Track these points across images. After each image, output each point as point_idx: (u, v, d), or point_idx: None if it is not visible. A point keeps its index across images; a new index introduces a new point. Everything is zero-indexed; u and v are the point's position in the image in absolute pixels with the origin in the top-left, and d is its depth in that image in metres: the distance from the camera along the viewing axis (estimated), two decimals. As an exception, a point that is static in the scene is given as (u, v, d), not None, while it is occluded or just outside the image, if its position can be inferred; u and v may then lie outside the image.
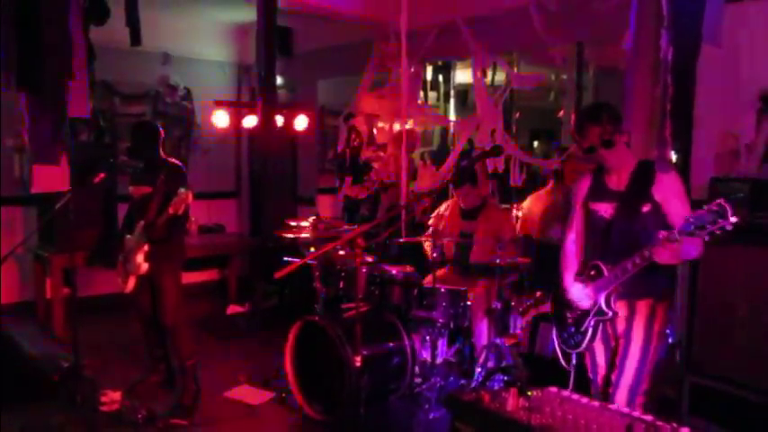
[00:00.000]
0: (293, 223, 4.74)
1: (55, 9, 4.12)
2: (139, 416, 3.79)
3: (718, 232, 2.17)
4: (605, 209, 2.76)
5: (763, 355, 3.13)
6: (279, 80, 7.53)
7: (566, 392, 1.93)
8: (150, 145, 4.07)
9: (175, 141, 7.26)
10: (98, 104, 6.28)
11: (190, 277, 6.87)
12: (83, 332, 3.59)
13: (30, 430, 3.73)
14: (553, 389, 1.90)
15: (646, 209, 2.62)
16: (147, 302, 4.15)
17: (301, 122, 6.22)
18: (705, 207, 2.19)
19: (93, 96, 4.72)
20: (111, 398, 3.99)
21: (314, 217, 4.62)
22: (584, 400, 1.92)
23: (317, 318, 3.93)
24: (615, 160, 2.71)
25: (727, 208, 2.12)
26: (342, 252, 4.39)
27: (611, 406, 1.84)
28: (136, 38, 4.73)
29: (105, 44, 4.79)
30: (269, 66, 5.31)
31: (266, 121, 5.46)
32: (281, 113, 5.97)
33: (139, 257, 3.85)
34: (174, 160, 4.16)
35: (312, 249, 4.46)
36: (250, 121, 5.80)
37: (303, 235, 4.52)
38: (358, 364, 2.38)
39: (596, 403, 1.87)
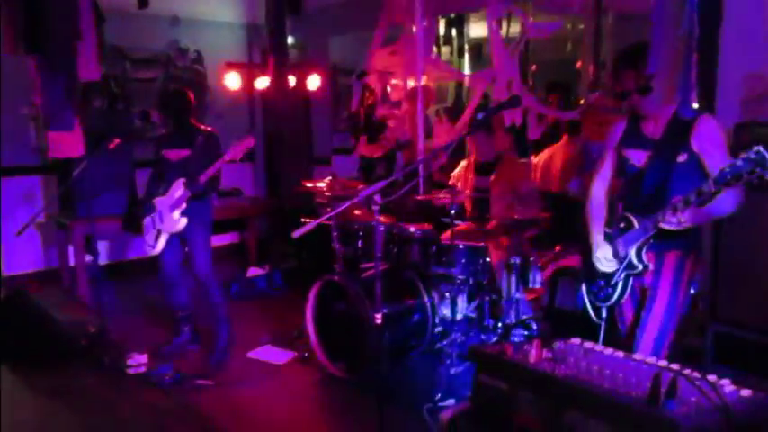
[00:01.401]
0: (309, 184, 4.72)
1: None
2: (167, 377, 3.87)
3: (755, 182, 2.06)
4: (639, 157, 2.66)
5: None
6: (290, 39, 7.43)
7: (589, 344, 1.91)
8: (184, 111, 4.29)
9: (189, 106, 7.22)
10: (109, 70, 6.26)
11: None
12: (109, 297, 3.64)
13: (60, 391, 3.82)
14: (576, 340, 1.87)
15: (682, 158, 2.51)
16: (174, 260, 4.32)
17: (314, 82, 6.14)
18: (742, 155, 2.07)
19: (103, 61, 4.69)
20: (138, 360, 4.07)
21: (330, 177, 4.58)
22: (609, 350, 1.90)
23: (336, 277, 3.94)
24: (651, 107, 2.59)
25: (767, 156, 2.01)
26: (358, 212, 4.37)
27: (635, 356, 1.81)
28: (144, 0, 4.66)
29: (114, 8, 4.74)
30: (279, 25, 5.23)
31: (278, 81, 5.39)
32: (293, 73, 5.88)
33: (176, 214, 4.07)
34: (207, 127, 4.39)
35: (329, 209, 4.43)
36: (262, 83, 5.73)
37: (320, 195, 4.49)
38: (379, 321, 2.38)
39: (621, 353, 1.84)
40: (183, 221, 4.09)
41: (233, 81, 5.93)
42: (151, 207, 4.25)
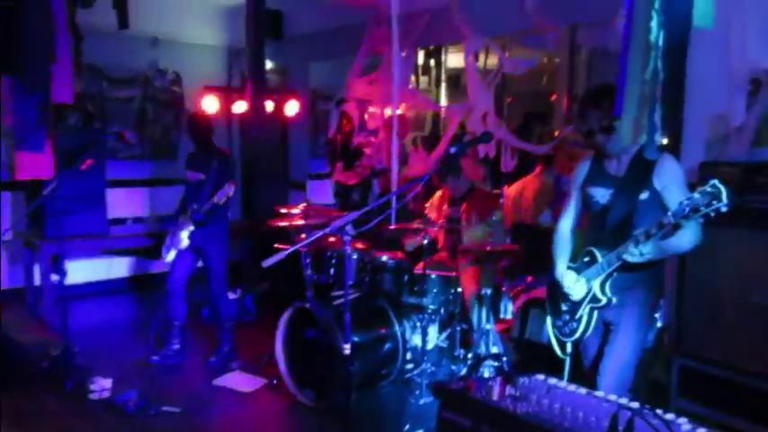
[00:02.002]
0: (284, 210, 4.72)
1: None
2: (131, 403, 3.79)
3: (712, 215, 2.13)
4: (602, 194, 2.73)
5: (752, 337, 3.13)
6: (270, 64, 7.47)
7: (553, 380, 1.92)
8: (205, 134, 4.60)
9: (166, 127, 7.20)
10: (86, 89, 6.23)
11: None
12: (75, 318, 3.58)
13: (19, 414, 3.72)
14: (540, 376, 1.89)
15: (644, 196, 2.59)
16: (182, 272, 4.64)
17: (292, 107, 6.17)
18: (699, 189, 2.16)
19: (80, 80, 4.67)
20: (102, 385, 3.97)
21: (304, 203, 4.58)
22: (572, 387, 1.91)
23: (307, 304, 3.92)
24: (614, 146, 2.65)
25: (722, 189, 2.08)
26: (333, 239, 4.38)
27: (597, 393, 1.83)
28: (124, 21, 4.67)
29: (94, 27, 4.73)
30: (258, 49, 5.25)
31: (256, 106, 5.41)
32: (272, 98, 5.91)
33: (184, 234, 4.46)
34: (224, 149, 4.73)
35: (303, 235, 4.44)
36: (240, 107, 5.75)
37: (293, 222, 4.50)
38: (348, 351, 2.37)
39: (583, 391, 1.86)
40: (186, 242, 4.47)
41: (210, 104, 5.94)
42: (175, 222, 4.62)
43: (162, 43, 6.97)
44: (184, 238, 4.48)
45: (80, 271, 6.24)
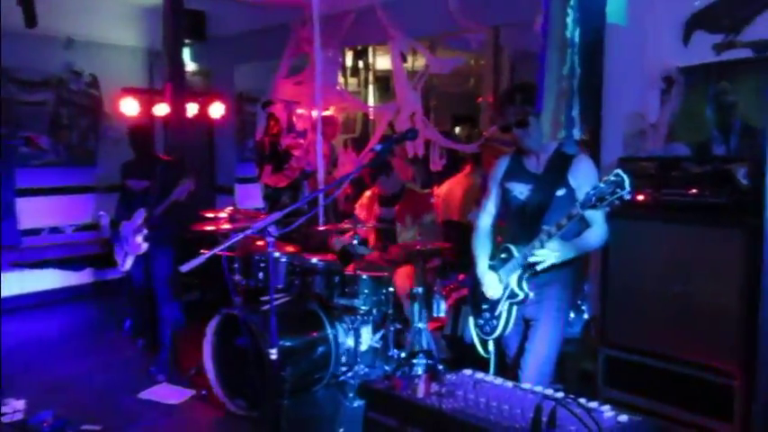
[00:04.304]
0: (210, 215, 4.58)
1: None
2: (45, 425, 3.56)
3: (617, 203, 2.20)
4: (521, 190, 2.77)
5: (671, 325, 3.26)
6: (193, 66, 7.26)
7: (479, 374, 1.91)
8: (146, 142, 4.65)
9: (83, 131, 6.86)
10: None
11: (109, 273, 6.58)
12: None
13: None
14: (467, 371, 1.88)
15: (560, 192, 2.65)
16: (142, 278, 4.65)
17: (217, 110, 6.00)
18: (604, 178, 2.22)
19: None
20: (14, 407, 3.73)
21: (231, 208, 4.46)
22: (498, 381, 1.91)
23: (235, 310, 3.81)
24: (531, 142, 2.71)
25: (625, 177, 2.15)
26: (261, 242, 4.26)
27: (524, 385, 1.84)
28: (31, 19, 4.41)
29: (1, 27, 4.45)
30: (176, 50, 5.08)
31: (177, 108, 5.23)
32: (196, 101, 5.73)
33: (139, 238, 4.42)
34: (166, 156, 4.84)
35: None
36: (161, 110, 5.54)
37: (220, 227, 4.36)
38: (274, 357, 2.30)
39: (510, 384, 1.86)
40: (145, 245, 4.42)
41: (129, 107, 5.69)
42: (118, 231, 4.58)
43: (77, 44, 6.64)
44: (141, 242, 4.44)
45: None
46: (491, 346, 2.81)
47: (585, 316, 3.96)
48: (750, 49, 3.48)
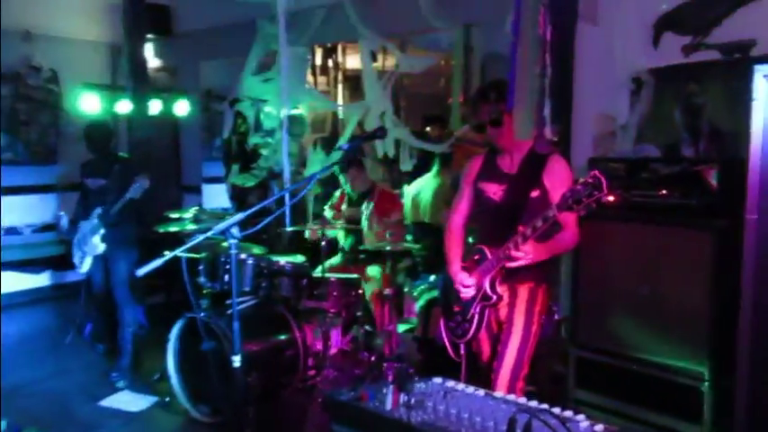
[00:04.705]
0: (174, 215, 4.45)
1: None
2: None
3: (594, 205, 2.15)
4: (495, 190, 2.72)
5: (641, 326, 3.26)
6: (158, 62, 7.07)
7: (451, 383, 1.84)
8: (103, 141, 4.48)
9: (43, 128, 6.63)
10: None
11: (69, 275, 6.38)
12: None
13: None
14: (438, 380, 1.80)
15: (535, 194, 2.60)
16: (101, 281, 4.51)
17: (182, 108, 5.84)
18: (581, 180, 2.18)
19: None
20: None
21: (196, 208, 4.34)
22: (470, 389, 1.83)
23: (201, 314, 3.69)
24: (505, 141, 2.67)
25: (602, 180, 2.11)
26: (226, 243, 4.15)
27: (496, 394, 1.77)
28: (-15, 11, 4.21)
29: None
30: (138, 45, 4.93)
31: (139, 105, 5.08)
32: (161, 98, 5.57)
33: (96, 239, 4.30)
34: (123, 154, 4.74)
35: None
36: (123, 106, 5.37)
37: (184, 227, 4.25)
38: (237, 363, 2.21)
39: (482, 392, 1.79)
40: (102, 246, 4.30)
41: (90, 103, 5.50)
42: (76, 230, 4.46)
43: (36, 38, 6.39)
44: (98, 242, 4.33)
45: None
46: (462, 350, 2.75)
47: (556, 317, 3.94)
48: (718, 51, 3.50)
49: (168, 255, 2.12)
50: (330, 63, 7.97)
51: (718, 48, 3.50)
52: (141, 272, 2.03)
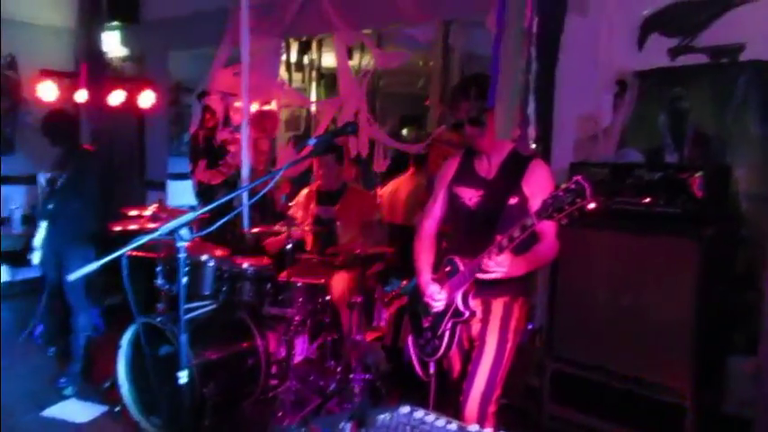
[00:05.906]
0: (133, 212, 4.18)
1: None
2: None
3: (576, 213, 1.96)
4: (470, 195, 2.52)
5: (621, 339, 3.11)
6: (124, 51, 6.78)
7: (419, 413, 1.63)
8: (62, 133, 4.30)
9: (-1, 117, 6.29)
10: None
11: (20, 273, 6.06)
12: None
13: None
14: (405, 409, 1.60)
15: (513, 201, 2.39)
16: (55, 279, 4.32)
17: (147, 99, 5.55)
18: (563, 186, 1.98)
19: None
20: None
21: (156, 204, 4.08)
22: (441, 422, 1.61)
23: (157, 319, 3.45)
24: (484, 142, 2.46)
25: (586, 186, 1.92)
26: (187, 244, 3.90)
27: (470, 428, 1.57)
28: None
29: None
30: (94, 29, 4.66)
31: (95, 95, 4.80)
32: (123, 88, 5.29)
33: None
34: (86, 146, 4.53)
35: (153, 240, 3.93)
36: (81, 96, 5.08)
37: (144, 225, 3.98)
38: (184, 380, 1.98)
39: (454, 426, 1.58)
40: (58, 242, 4.14)
41: (48, 91, 5.20)
42: (35, 228, 4.26)
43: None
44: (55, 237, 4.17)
45: None
46: (431, 368, 2.55)
47: (530, 326, 3.79)
48: (705, 54, 3.38)
49: (110, 256, 1.89)
50: (306, 60, 7.74)
51: (706, 51, 3.38)
52: (73, 277, 1.79)
